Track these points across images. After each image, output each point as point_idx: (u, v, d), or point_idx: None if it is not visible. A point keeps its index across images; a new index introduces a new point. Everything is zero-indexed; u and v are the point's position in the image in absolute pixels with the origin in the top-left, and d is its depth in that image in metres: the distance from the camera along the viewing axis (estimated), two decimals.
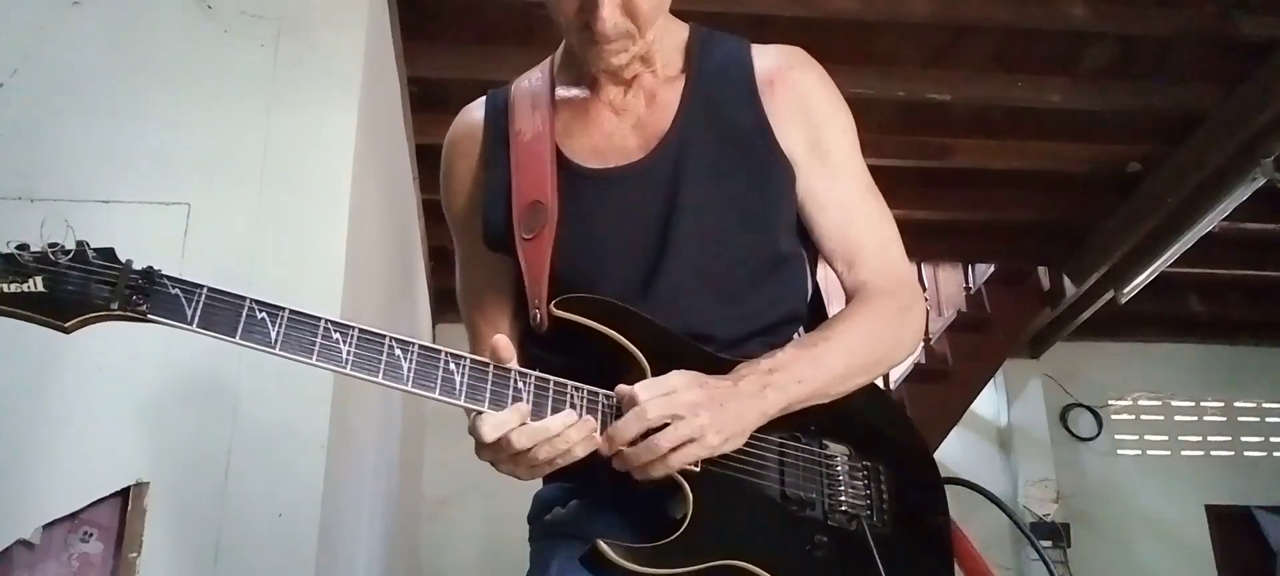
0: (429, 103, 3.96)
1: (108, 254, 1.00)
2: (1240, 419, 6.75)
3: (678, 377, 1.09)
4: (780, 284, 1.26)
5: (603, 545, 1.06)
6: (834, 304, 1.34)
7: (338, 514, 2.54)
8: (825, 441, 1.20)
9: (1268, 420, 6.76)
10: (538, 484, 1.29)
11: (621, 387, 1.09)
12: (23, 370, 2.22)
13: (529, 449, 1.04)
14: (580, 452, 1.07)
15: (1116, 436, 6.66)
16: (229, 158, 2.46)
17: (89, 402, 2.21)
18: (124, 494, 2.16)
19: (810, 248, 1.32)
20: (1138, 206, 4.70)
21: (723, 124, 1.25)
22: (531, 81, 1.35)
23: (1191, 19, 3.57)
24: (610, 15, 1.15)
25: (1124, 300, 5.23)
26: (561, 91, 1.32)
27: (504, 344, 1.08)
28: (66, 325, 0.98)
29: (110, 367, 2.24)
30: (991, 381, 6.34)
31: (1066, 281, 5.43)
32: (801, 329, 1.27)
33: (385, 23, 3.16)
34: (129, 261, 1.00)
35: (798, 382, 1.14)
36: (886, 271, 1.27)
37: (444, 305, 5.92)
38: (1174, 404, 6.76)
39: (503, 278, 1.31)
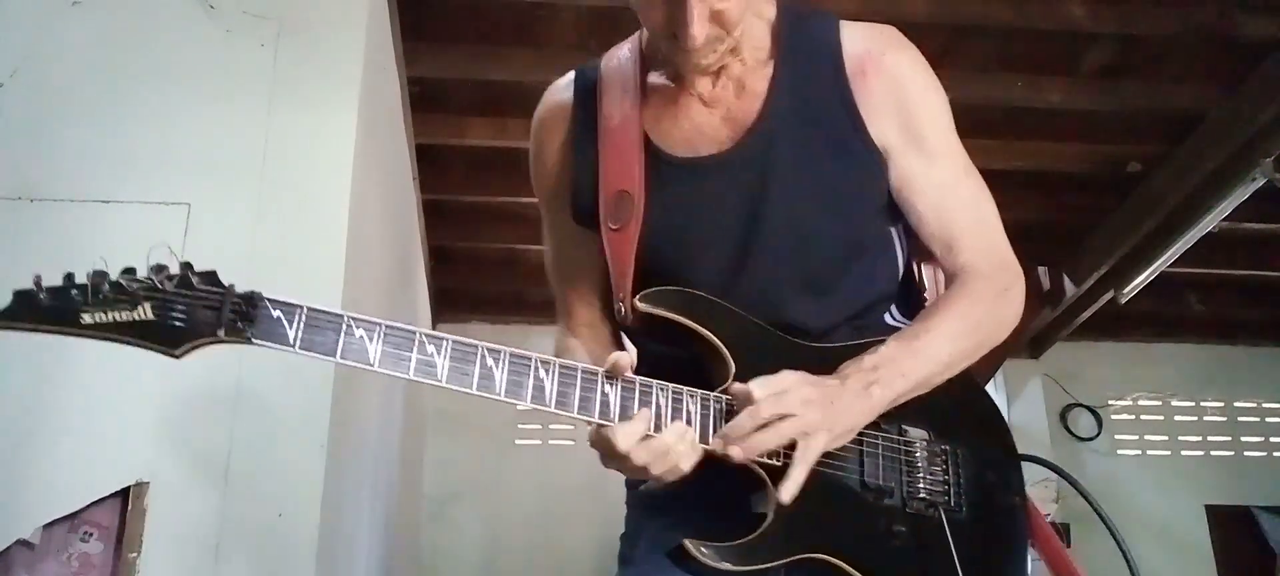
0: (429, 103, 3.96)
1: (211, 277, 1.01)
2: (1240, 419, 6.75)
3: (789, 376, 1.11)
4: (868, 268, 1.27)
5: (689, 545, 1.08)
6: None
7: (338, 514, 2.54)
8: (904, 426, 1.22)
9: (1268, 420, 6.75)
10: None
11: (736, 387, 1.11)
12: (23, 370, 2.22)
13: (647, 463, 1.07)
14: (686, 464, 1.09)
15: (1116, 436, 6.66)
16: (229, 158, 2.46)
17: (89, 402, 2.21)
18: (124, 494, 2.16)
19: (903, 226, 1.32)
20: (1138, 206, 4.70)
21: (811, 112, 1.25)
22: (620, 62, 1.34)
23: (1191, 19, 3.57)
24: (700, 30, 1.15)
25: (1124, 300, 5.23)
26: (651, 77, 1.31)
27: (626, 360, 1.09)
28: (176, 352, 0.99)
29: (110, 368, 2.24)
30: (991, 381, 6.34)
31: (1066, 281, 5.42)
32: (894, 308, 1.30)
33: (385, 23, 3.15)
34: (232, 285, 1.01)
35: (902, 376, 1.16)
36: (986, 253, 1.27)
37: (444, 305, 5.92)
38: (1174, 404, 6.75)
39: (590, 250, 1.31)
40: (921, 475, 1.20)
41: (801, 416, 1.08)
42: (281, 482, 2.25)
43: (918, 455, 1.21)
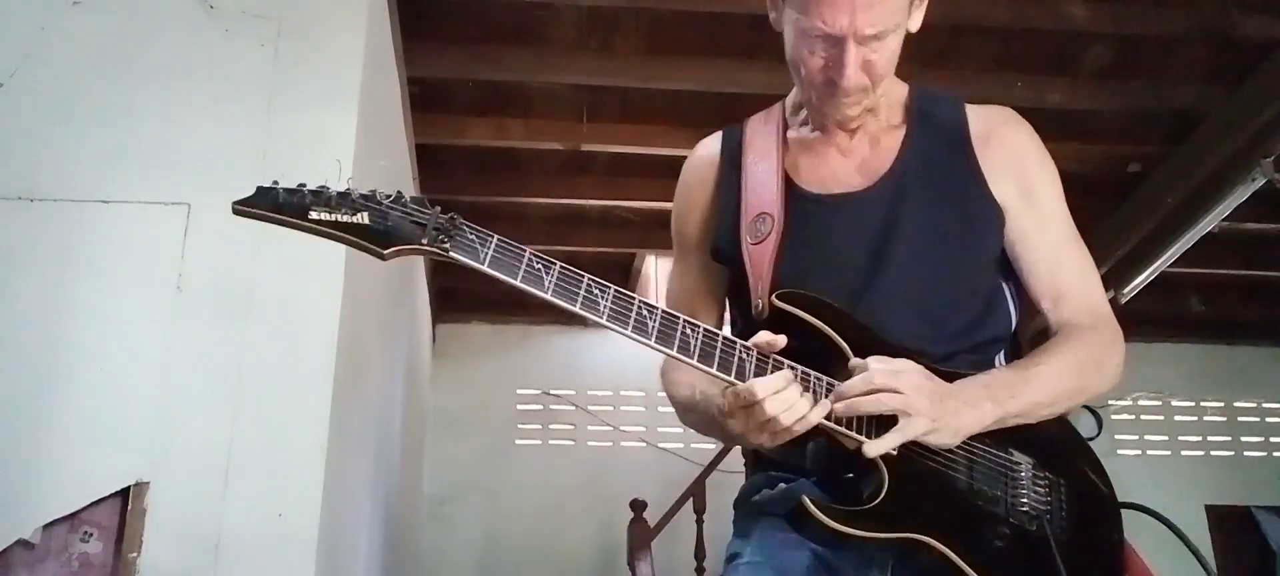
0: (429, 103, 3.96)
1: (421, 201, 1.15)
2: (1240, 419, 6.75)
3: (907, 362, 1.21)
4: (982, 310, 1.38)
5: (807, 499, 1.18)
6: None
7: (338, 514, 2.54)
8: (1011, 448, 1.29)
9: (1268, 420, 6.75)
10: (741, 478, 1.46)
11: (856, 360, 1.21)
12: (23, 370, 2.22)
13: (776, 414, 1.15)
14: (806, 410, 1.17)
15: (1116, 436, 6.65)
16: (229, 158, 2.46)
17: (89, 402, 2.21)
18: (124, 494, 2.16)
19: (1015, 285, 1.43)
20: (1138, 206, 4.70)
21: (939, 168, 1.39)
22: (764, 121, 1.50)
23: (1191, 19, 3.57)
24: (854, 74, 1.29)
25: (1124, 300, 5.22)
26: (793, 133, 1.46)
27: (777, 338, 1.20)
28: (385, 252, 1.13)
29: (110, 368, 2.25)
30: None
31: None
32: (1003, 354, 1.39)
33: (385, 23, 3.16)
34: (438, 207, 1.14)
35: (1012, 398, 1.26)
36: (1090, 309, 1.39)
37: (444, 305, 5.92)
38: (1174, 404, 6.76)
39: (718, 291, 1.48)
40: (1025, 491, 1.27)
41: (908, 397, 1.17)
42: (281, 482, 2.25)
43: (1022, 475, 1.29)
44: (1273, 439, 6.72)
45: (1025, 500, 1.27)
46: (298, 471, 2.26)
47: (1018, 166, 1.41)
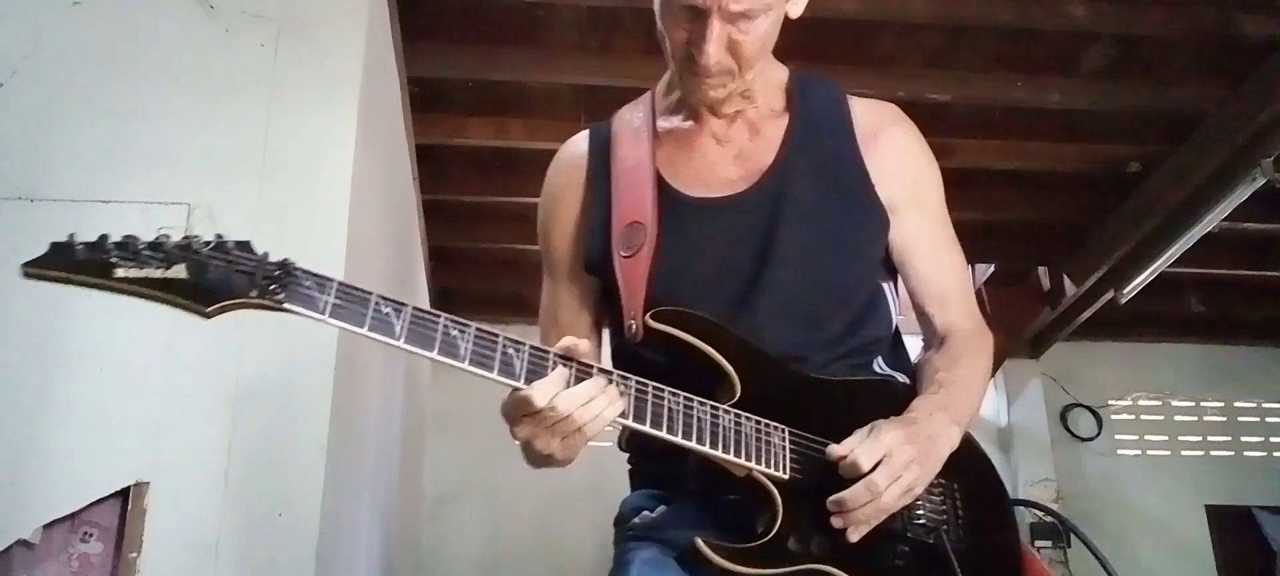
0: (429, 103, 3.95)
1: (246, 246, 1.03)
2: (1240, 419, 6.74)
3: (889, 436, 1.15)
4: (864, 312, 1.33)
5: (701, 542, 1.11)
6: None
7: (338, 514, 2.54)
8: None
9: (1268, 420, 6.75)
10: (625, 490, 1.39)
11: (836, 449, 1.14)
12: (23, 370, 2.22)
13: (567, 415, 1.07)
14: (609, 415, 1.10)
15: (1116, 436, 6.65)
16: (229, 158, 2.46)
17: (89, 402, 2.21)
18: (124, 494, 2.16)
19: (895, 285, 1.41)
20: (1138, 206, 4.70)
21: (823, 164, 1.32)
22: (633, 114, 1.41)
23: (1191, 19, 3.56)
24: (715, 52, 1.21)
25: (1124, 300, 5.22)
26: (663, 122, 1.38)
27: (585, 345, 1.12)
28: (207, 310, 1.00)
29: (110, 368, 2.24)
30: (991, 381, 6.34)
31: (1066, 281, 5.42)
32: (882, 358, 1.35)
33: (385, 23, 3.15)
34: (266, 253, 1.03)
35: (963, 416, 1.26)
36: (971, 312, 1.40)
37: (444, 305, 5.90)
38: (1174, 404, 6.75)
39: (589, 302, 1.39)
40: (921, 503, 1.22)
41: (906, 477, 1.13)
42: (281, 482, 2.25)
43: None
44: (1273, 439, 6.72)
45: (921, 512, 1.22)
46: (298, 471, 2.26)
47: (906, 169, 1.36)
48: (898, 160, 1.35)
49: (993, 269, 5.88)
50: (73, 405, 2.21)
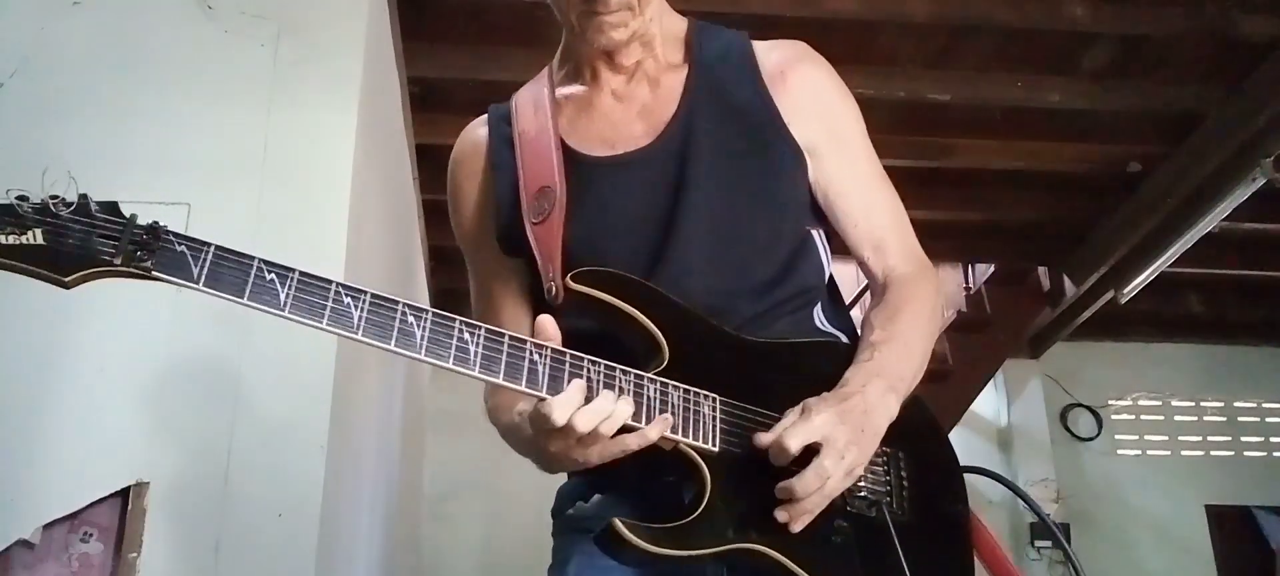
0: (429, 103, 3.95)
1: (111, 207, 0.95)
2: (1240, 419, 6.75)
3: (822, 419, 1.07)
4: (793, 261, 1.27)
5: (618, 524, 1.02)
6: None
7: (338, 514, 2.54)
8: None
9: (1268, 420, 6.75)
10: (562, 478, 1.32)
11: (764, 438, 1.08)
12: (23, 370, 2.22)
13: (592, 430, 1.01)
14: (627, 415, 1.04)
15: (1116, 436, 6.66)
16: (229, 158, 2.46)
17: (89, 402, 2.21)
18: (124, 494, 2.16)
19: (824, 231, 1.33)
20: (1138, 206, 4.70)
21: (729, 109, 1.27)
22: (531, 88, 1.37)
23: (1191, 19, 3.57)
24: None
25: (1124, 300, 5.23)
26: (562, 90, 1.34)
27: (550, 323, 1.06)
28: (66, 280, 0.93)
29: (110, 367, 2.24)
30: (991, 381, 6.34)
31: (1066, 281, 5.42)
32: (819, 308, 1.28)
33: (385, 23, 3.15)
34: (134, 216, 0.96)
35: (902, 380, 1.17)
36: (912, 254, 1.31)
37: (443, 305, 5.87)
38: (1174, 404, 6.76)
39: (519, 285, 1.32)
40: (863, 474, 1.14)
41: (847, 458, 1.07)
42: (281, 482, 2.25)
43: None
44: (1273, 439, 6.72)
45: (863, 484, 1.14)
46: (298, 471, 2.26)
47: (820, 106, 1.29)
48: (809, 98, 1.28)
49: (993, 269, 5.88)
50: (73, 405, 2.21)
